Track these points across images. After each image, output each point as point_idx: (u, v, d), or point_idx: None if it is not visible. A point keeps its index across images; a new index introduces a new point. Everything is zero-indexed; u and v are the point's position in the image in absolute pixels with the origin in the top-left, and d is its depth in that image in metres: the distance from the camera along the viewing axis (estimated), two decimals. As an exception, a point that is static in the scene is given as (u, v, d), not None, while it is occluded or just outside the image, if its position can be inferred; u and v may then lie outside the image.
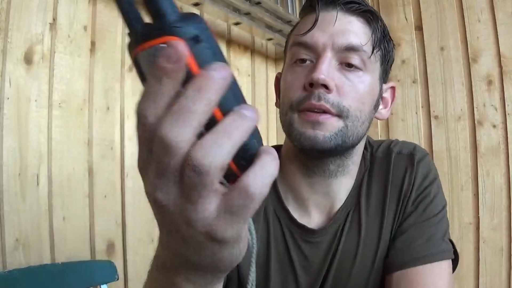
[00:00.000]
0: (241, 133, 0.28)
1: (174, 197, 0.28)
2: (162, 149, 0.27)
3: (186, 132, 0.26)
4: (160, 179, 0.28)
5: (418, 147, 0.80)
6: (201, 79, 0.27)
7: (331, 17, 0.68)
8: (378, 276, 0.73)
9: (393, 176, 0.76)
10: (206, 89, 0.27)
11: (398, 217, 0.74)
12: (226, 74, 0.27)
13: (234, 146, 0.27)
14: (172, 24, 0.28)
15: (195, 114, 0.26)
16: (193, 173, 0.27)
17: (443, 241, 0.71)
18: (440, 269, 0.69)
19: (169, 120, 0.27)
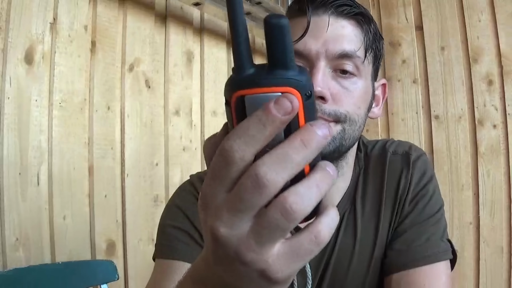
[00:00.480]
0: (327, 187, 0.30)
1: (241, 235, 0.29)
2: (254, 188, 0.28)
3: (283, 178, 0.28)
4: (235, 215, 0.29)
5: (414, 146, 0.79)
6: (309, 134, 0.28)
7: (323, 22, 0.67)
8: (375, 277, 0.73)
9: (388, 176, 0.75)
10: (311, 145, 0.28)
11: (395, 218, 0.74)
12: (328, 133, 0.29)
13: (319, 198, 0.29)
14: (294, 77, 0.29)
15: (295, 164, 0.28)
16: (281, 217, 0.28)
17: (442, 241, 0.71)
18: (439, 270, 0.69)
19: (270, 162, 0.28)
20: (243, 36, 0.29)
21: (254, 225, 0.29)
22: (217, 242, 0.30)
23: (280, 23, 0.28)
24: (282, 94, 0.28)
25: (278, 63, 0.29)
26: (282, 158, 0.28)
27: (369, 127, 2.22)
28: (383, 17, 2.23)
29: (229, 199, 0.29)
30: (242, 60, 0.29)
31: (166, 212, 0.80)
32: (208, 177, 0.30)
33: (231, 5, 0.28)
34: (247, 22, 1.57)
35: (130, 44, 1.48)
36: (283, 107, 0.27)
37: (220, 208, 0.29)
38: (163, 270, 0.71)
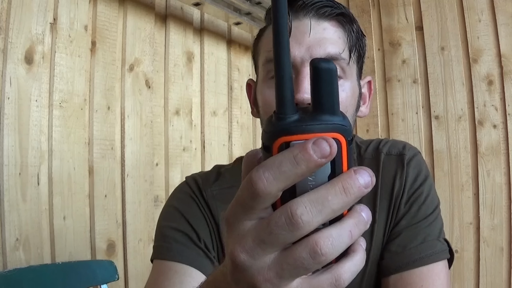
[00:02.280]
0: (359, 233, 0.30)
1: (261, 265, 0.29)
2: (287, 225, 0.27)
3: (318, 221, 0.28)
4: (259, 246, 0.28)
5: (408, 145, 0.78)
6: (351, 181, 0.28)
7: (304, 26, 0.65)
8: (371, 279, 0.72)
9: (383, 178, 0.75)
10: (351, 193, 0.28)
11: (390, 220, 0.73)
12: (370, 182, 0.29)
13: (350, 244, 0.29)
14: (340, 122, 0.28)
15: (332, 210, 0.28)
16: (308, 257, 0.28)
17: (439, 241, 0.71)
18: (437, 270, 0.68)
19: (308, 203, 0.28)
20: (288, 79, 0.28)
21: (278, 258, 0.29)
22: (236, 267, 0.29)
23: (329, 68, 0.27)
24: (322, 137, 0.27)
25: (324, 108, 0.28)
26: (320, 201, 0.27)
27: (369, 127, 2.22)
28: (383, 17, 2.23)
29: (258, 229, 0.28)
30: (286, 104, 0.28)
31: (163, 213, 0.80)
32: (234, 199, 0.30)
33: (278, 45, 0.27)
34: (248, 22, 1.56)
35: (130, 44, 1.48)
36: (321, 149, 0.27)
37: (244, 235, 0.29)
38: (161, 271, 0.71)
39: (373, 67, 2.22)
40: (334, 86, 0.28)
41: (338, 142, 0.28)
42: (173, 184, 1.55)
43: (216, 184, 0.79)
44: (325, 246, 0.28)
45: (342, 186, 0.28)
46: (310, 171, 0.27)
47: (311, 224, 0.27)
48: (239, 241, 0.29)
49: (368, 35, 2.23)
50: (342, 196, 0.28)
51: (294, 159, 0.27)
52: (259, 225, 0.28)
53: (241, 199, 0.29)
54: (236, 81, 1.93)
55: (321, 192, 0.28)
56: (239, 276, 0.30)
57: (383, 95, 2.19)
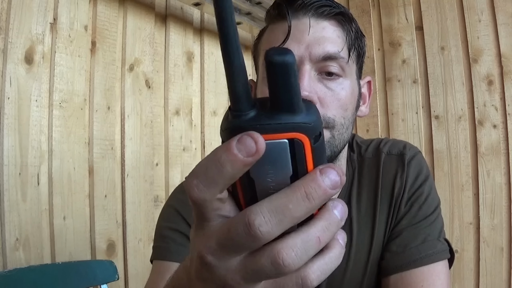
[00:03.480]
0: (330, 237, 0.27)
1: (228, 267, 0.28)
2: (246, 235, 0.26)
3: (277, 230, 0.26)
4: (223, 250, 0.28)
5: (409, 145, 0.79)
6: (314, 185, 0.26)
7: (304, 25, 0.66)
8: (372, 279, 0.72)
9: (383, 177, 0.75)
10: (315, 198, 0.26)
11: (391, 219, 0.73)
12: (338, 181, 0.26)
13: (318, 250, 0.27)
14: (301, 121, 0.26)
15: (294, 218, 0.26)
16: (271, 267, 0.26)
17: (439, 241, 0.71)
18: (437, 270, 0.68)
19: (266, 213, 0.26)
20: (239, 73, 0.25)
21: (243, 262, 0.28)
22: (203, 266, 0.29)
23: (285, 61, 0.24)
24: (248, 133, 0.25)
25: (283, 105, 0.26)
26: (280, 210, 0.26)
27: (369, 127, 2.22)
28: (383, 17, 2.23)
29: (219, 233, 0.27)
30: (240, 101, 0.26)
31: (162, 214, 0.80)
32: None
33: (224, 35, 0.25)
34: (248, 22, 1.56)
35: (130, 44, 1.48)
36: (247, 147, 0.24)
37: (208, 237, 0.28)
38: (160, 272, 0.71)
39: (373, 67, 2.22)
40: (292, 81, 0.25)
41: (299, 142, 0.26)
42: (173, 184, 1.55)
43: None
44: (287, 257, 0.26)
45: (305, 192, 0.26)
46: (239, 172, 0.25)
47: (271, 234, 0.26)
48: (205, 242, 0.28)
49: (368, 35, 2.23)
50: (305, 203, 0.26)
51: (219, 162, 0.25)
52: (221, 229, 0.27)
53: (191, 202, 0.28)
54: (236, 81, 1.93)
55: (281, 200, 0.26)
56: (206, 275, 0.29)
57: (383, 95, 2.19)
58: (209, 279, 0.29)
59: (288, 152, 0.26)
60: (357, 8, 2.30)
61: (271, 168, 0.27)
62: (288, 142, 0.26)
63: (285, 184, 0.27)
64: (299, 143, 0.26)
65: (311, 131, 0.26)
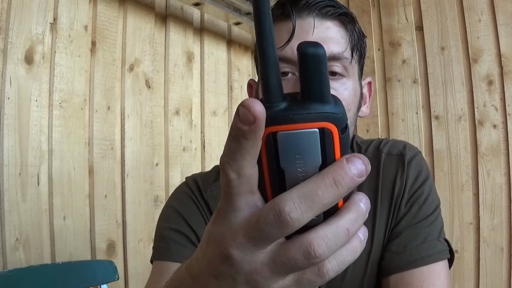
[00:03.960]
0: (358, 228, 0.28)
1: (254, 261, 0.28)
2: (276, 223, 0.26)
3: (307, 217, 0.26)
4: (250, 242, 0.28)
5: (409, 145, 0.79)
6: (342, 172, 0.27)
7: (308, 25, 0.66)
8: (372, 279, 0.72)
9: (383, 177, 0.75)
10: (342, 185, 0.27)
11: (391, 220, 0.73)
12: (364, 170, 0.27)
13: (346, 241, 0.28)
14: (330, 111, 0.27)
15: (323, 204, 0.26)
16: (303, 259, 0.27)
17: (439, 241, 0.71)
18: (437, 270, 0.68)
19: (296, 199, 0.26)
20: (274, 67, 0.27)
21: (272, 255, 0.28)
22: (225, 261, 0.29)
23: (317, 53, 0.26)
24: (241, 103, 0.26)
25: (313, 96, 0.26)
26: (309, 196, 0.26)
27: (369, 127, 2.22)
28: (383, 17, 2.23)
29: (248, 224, 0.28)
30: (273, 91, 0.27)
31: (163, 214, 0.80)
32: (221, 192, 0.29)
33: (261, 34, 0.26)
34: (248, 22, 1.56)
35: (130, 44, 1.48)
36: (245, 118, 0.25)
37: (235, 229, 0.28)
38: (161, 272, 0.71)
39: (373, 67, 2.22)
40: (323, 71, 0.26)
41: (328, 131, 0.27)
42: (173, 184, 1.55)
43: (216, 184, 0.79)
44: (319, 248, 0.27)
45: (333, 178, 0.26)
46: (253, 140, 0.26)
47: (301, 221, 0.26)
48: (230, 235, 0.28)
49: (368, 35, 2.23)
50: (333, 189, 0.26)
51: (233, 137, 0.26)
52: (249, 220, 0.28)
53: (223, 189, 0.28)
54: (236, 81, 1.93)
55: (310, 186, 0.26)
56: (227, 270, 0.29)
57: (383, 95, 2.19)
58: (228, 275, 0.29)
59: (318, 141, 0.27)
60: (357, 8, 2.30)
61: (302, 158, 0.27)
62: (319, 132, 0.27)
63: (314, 174, 0.27)
64: (329, 132, 0.27)
65: (339, 121, 0.27)
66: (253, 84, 0.79)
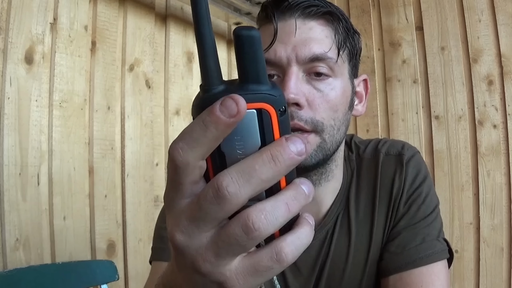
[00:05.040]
0: (298, 207, 0.28)
1: (199, 245, 0.28)
2: (214, 198, 0.26)
3: (246, 192, 0.26)
4: (193, 224, 0.28)
5: (407, 145, 0.78)
6: (280, 149, 0.27)
7: (290, 27, 0.65)
8: (371, 279, 0.72)
9: (381, 177, 0.75)
10: (281, 161, 0.27)
11: (390, 220, 0.73)
12: (303, 150, 0.27)
13: (288, 218, 0.28)
14: (267, 91, 0.27)
15: (261, 180, 0.26)
16: (242, 233, 0.27)
17: (438, 241, 0.71)
18: (436, 270, 0.68)
19: (234, 174, 0.26)
20: (211, 51, 0.27)
21: (213, 236, 0.28)
22: (175, 250, 0.29)
23: (250, 35, 0.26)
24: (230, 96, 0.26)
25: (250, 78, 0.27)
26: (247, 171, 0.26)
27: (369, 127, 2.22)
28: (383, 17, 2.23)
29: (189, 207, 0.28)
30: (211, 76, 0.27)
31: (161, 215, 0.80)
32: (167, 180, 0.29)
33: (197, 17, 0.26)
34: (247, 22, 1.56)
35: (130, 44, 1.48)
36: (228, 108, 0.25)
37: (178, 215, 0.28)
38: (159, 272, 0.71)
39: (373, 67, 2.22)
40: (258, 54, 0.27)
41: (266, 112, 0.27)
42: (173, 184, 1.55)
43: None
44: (258, 220, 0.26)
45: (271, 154, 0.26)
46: (222, 133, 0.26)
47: (239, 196, 0.26)
48: (175, 221, 0.28)
49: (368, 35, 2.24)
50: (271, 165, 0.26)
51: (203, 123, 0.26)
52: (191, 202, 0.28)
53: (169, 176, 0.28)
54: (236, 81, 1.93)
55: (248, 162, 0.27)
56: (181, 260, 0.29)
57: (383, 95, 2.19)
58: (183, 264, 0.29)
59: (256, 122, 0.27)
60: (357, 8, 2.30)
61: (241, 139, 0.28)
62: (256, 113, 0.27)
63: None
64: (267, 113, 0.27)
65: (277, 103, 0.28)
66: None
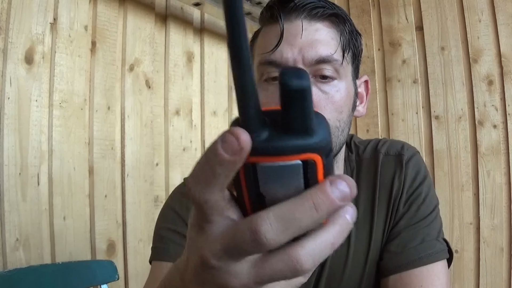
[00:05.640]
0: (342, 241, 0.28)
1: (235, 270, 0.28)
2: (252, 242, 0.26)
3: (283, 239, 0.26)
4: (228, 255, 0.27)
5: (407, 145, 0.78)
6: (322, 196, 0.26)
7: (296, 28, 0.65)
8: (370, 279, 0.72)
9: (381, 178, 0.75)
10: (322, 209, 0.26)
11: (389, 220, 0.73)
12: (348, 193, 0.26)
13: (330, 253, 0.27)
14: (314, 141, 0.25)
15: (300, 227, 0.26)
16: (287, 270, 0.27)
17: (438, 241, 0.71)
18: (436, 270, 0.68)
19: (273, 220, 0.26)
20: (253, 90, 0.25)
21: (255, 267, 0.28)
22: (205, 269, 0.28)
23: (302, 88, 0.24)
24: (228, 130, 0.25)
25: (296, 129, 0.25)
26: (286, 218, 0.26)
27: (369, 127, 2.22)
28: (383, 17, 2.23)
29: (225, 237, 0.27)
30: (253, 121, 0.25)
31: (161, 215, 0.80)
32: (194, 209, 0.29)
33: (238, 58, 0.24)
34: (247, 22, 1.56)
35: (130, 44, 1.48)
36: (230, 145, 0.24)
37: (213, 240, 0.28)
38: (159, 273, 0.71)
39: (373, 67, 2.22)
40: (308, 106, 0.24)
41: (312, 162, 0.26)
42: (173, 184, 1.55)
43: None
44: (306, 263, 0.26)
45: (313, 202, 0.26)
46: (231, 170, 0.25)
47: (277, 242, 0.26)
48: (209, 245, 0.28)
49: (368, 35, 2.24)
50: (311, 213, 0.25)
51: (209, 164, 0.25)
52: (226, 234, 0.27)
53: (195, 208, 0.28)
54: (236, 81, 1.93)
55: (288, 208, 0.26)
56: (208, 278, 0.29)
57: (383, 95, 2.19)
58: (210, 282, 0.29)
59: (301, 173, 0.26)
60: (357, 8, 2.30)
61: (283, 187, 0.26)
62: (302, 164, 0.26)
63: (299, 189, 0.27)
64: (313, 163, 0.26)
65: (324, 149, 0.26)
66: None
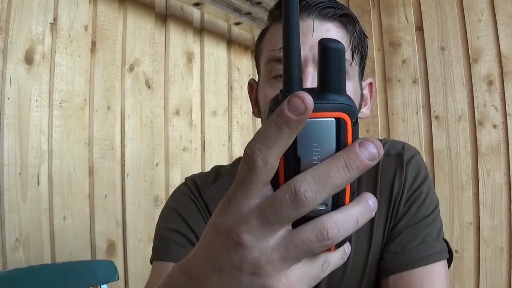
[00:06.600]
0: (365, 221, 0.30)
1: (264, 246, 0.28)
2: (291, 203, 0.27)
3: (322, 197, 0.28)
4: (265, 225, 0.28)
5: (407, 145, 0.78)
6: (353, 155, 0.28)
7: (307, 26, 0.65)
8: (371, 279, 0.72)
9: (381, 178, 0.74)
10: (353, 168, 0.28)
11: (390, 220, 0.73)
12: (376, 154, 0.28)
13: (354, 230, 0.29)
14: (346, 102, 0.28)
15: (335, 186, 0.28)
16: (315, 240, 0.28)
17: (438, 242, 0.71)
18: (436, 270, 0.68)
19: (310, 180, 0.28)
20: (296, 59, 0.28)
21: (283, 239, 0.28)
22: (236, 249, 0.29)
23: (338, 48, 0.28)
24: (295, 94, 0.27)
25: (330, 88, 0.28)
26: (323, 177, 0.27)
27: (369, 127, 2.22)
28: (383, 17, 2.23)
29: (262, 207, 0.28)
30: (294, 82, 0.29)
31: (162, 215, 0.80)
32: (235, 180, 0.29)
33: (288, 25, 0.28)
34: (248, 22, 1.56)
35: (130, 44, 1.48)
36: (296, 107, 0.26)
37: (247, 215, 0.28)
38: (160, 272, 0.71)
39: (373, 67, 2.22)
40: (342, 66, 0.28)
41: (344, 121, 0.29)
42: (173, 184, 1.55)
43: (215, 185, 0.79)
44: (332, 231, 0.28)
45: (344, 161, 0.28)
46: (295, 130, 0.27)
47: (315, 200, 0.27)
48: (243, 221, 0.28)
49: (368, 35, 2.23)
50: (344, 172, 0.28)
51: (275, 124, 0.27)
52: (263, 203, 0.28)
53: (241, 176, 0.29)
54: (236, 81, 1.93)
55: (323, 168, 0.28)
56: (233, 259, 0.29)
57: (383, 95, 2.19)
58: (235, 265, 0.29)
59: (334, 130, 0.29)
60: (357, 8, 2.30)
61: (318, 146, 0.29)
62: (335, 121, 0.28)
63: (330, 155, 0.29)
64: (344, 122, 0.29)
65: (353, 113, 0.29)
66: (253, 84, 0.79)
